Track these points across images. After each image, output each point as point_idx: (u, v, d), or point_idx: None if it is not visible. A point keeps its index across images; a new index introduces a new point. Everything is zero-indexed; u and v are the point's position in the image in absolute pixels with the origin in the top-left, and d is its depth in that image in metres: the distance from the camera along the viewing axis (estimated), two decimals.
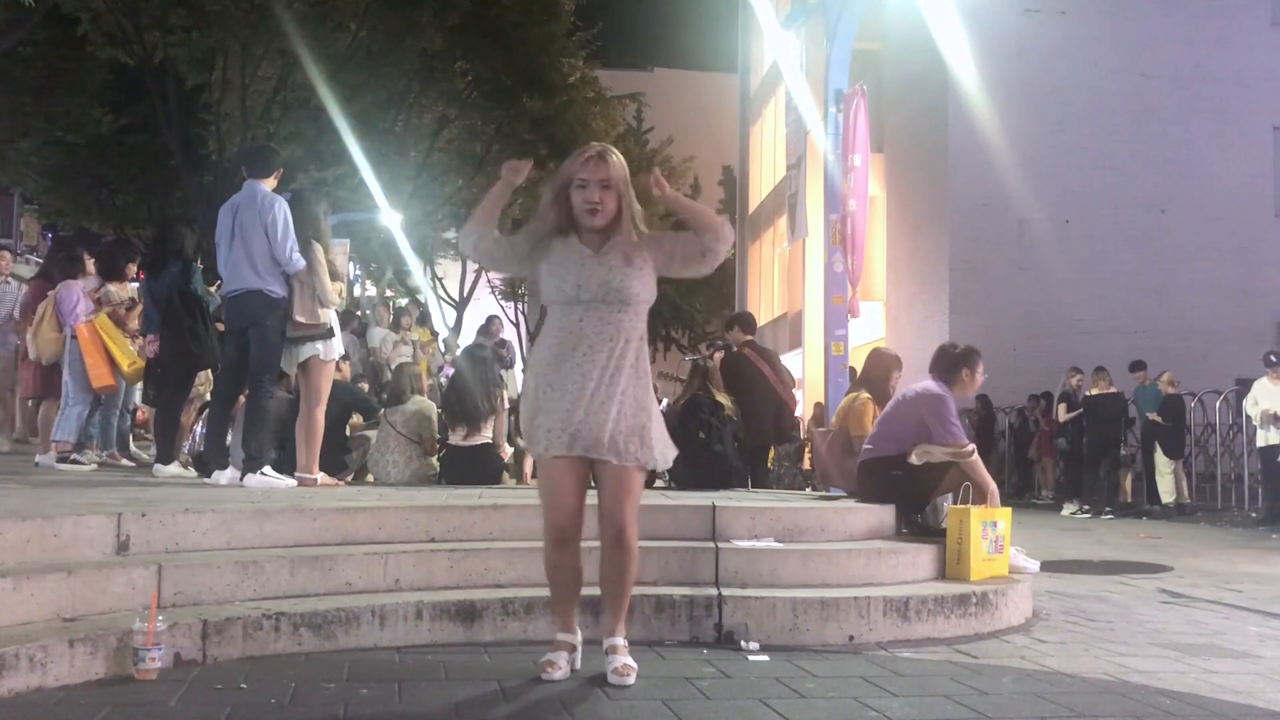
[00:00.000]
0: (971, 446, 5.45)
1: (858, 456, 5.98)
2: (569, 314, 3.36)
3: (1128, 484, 13.93)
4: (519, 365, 19.74)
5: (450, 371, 11.88)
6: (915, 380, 5.74)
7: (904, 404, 5.58)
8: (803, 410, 16.20)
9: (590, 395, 3.29)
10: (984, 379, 5.80)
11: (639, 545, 4.36)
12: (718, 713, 3.12)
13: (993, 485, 5.37)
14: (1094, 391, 13.44)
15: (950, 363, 5.67)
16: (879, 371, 6.84)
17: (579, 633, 3.54)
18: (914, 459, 5.33)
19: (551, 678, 3.36)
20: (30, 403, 8.91)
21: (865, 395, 6.67)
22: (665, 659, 3.79)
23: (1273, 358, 12.05)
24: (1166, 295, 18.12)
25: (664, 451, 3.42)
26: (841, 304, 9.41)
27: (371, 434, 7.93)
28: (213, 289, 8.06)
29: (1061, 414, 14.04)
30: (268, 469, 5.97)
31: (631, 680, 3.35)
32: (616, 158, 3.42)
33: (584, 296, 3.33)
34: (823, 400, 11.90)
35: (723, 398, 7.22)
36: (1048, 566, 6.73)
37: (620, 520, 3.36)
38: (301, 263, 5.96)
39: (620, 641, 3.46)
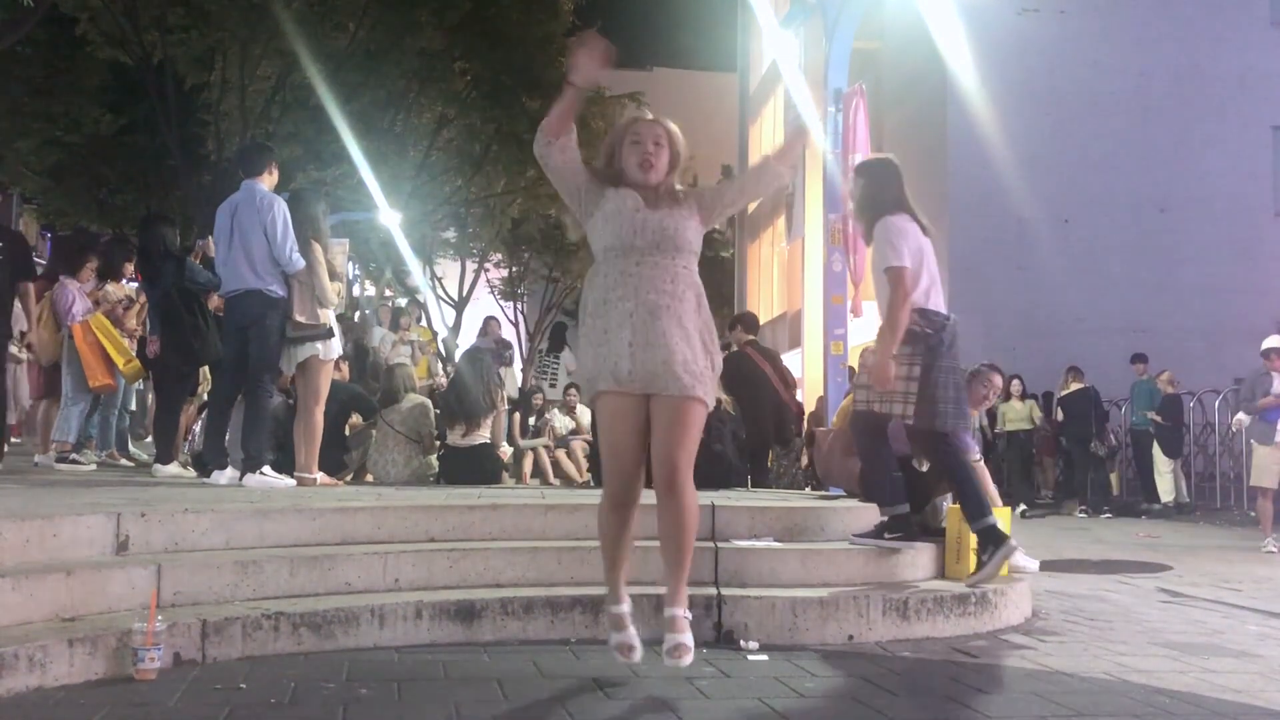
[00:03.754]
0: (978, 455, 5.49)
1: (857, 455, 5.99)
2: (626, 260, 3.33)
3: (1114, 480, 14.00)
4: (518, 364, 19.68)
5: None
6: None
7: None
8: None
9: (649, 330, 3.24)
10: (993, 397, 5.88)
11: (638, 544, 4.39)
12: (717, 712, 3.11)
13: (993, 490, 5.40)
14: (1063, 392, 13.51)
15: (969, 374, 5.79)
16: None
17: (628, 599, 3.44)
18: (918, 463, 5.35)
19: (633, 660, 3.31)
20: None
21: None
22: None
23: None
24: (1166, 294, 18.12)
25: (715, 393, 3.40)
26: (841, 303, 9.40)
27: (371, 433, 7.93)
28: None
29: (1060, 414, 14.07)
30: (267, 469, 5.97)
31: (686, 661, 3.24)
32: (675, 128, 3.46)
33: (639, 243, 3.32)
34: (822, 397, 11.93)
35: (722, 396, 7.23)
36: (1047, 566, 6.74)
37: (674, 459, 3.25)
38: (301, 263, 5.96)
39: (679, 613, 3.30)
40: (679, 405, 3.26)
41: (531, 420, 11.79)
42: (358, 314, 13.63)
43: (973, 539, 4.87)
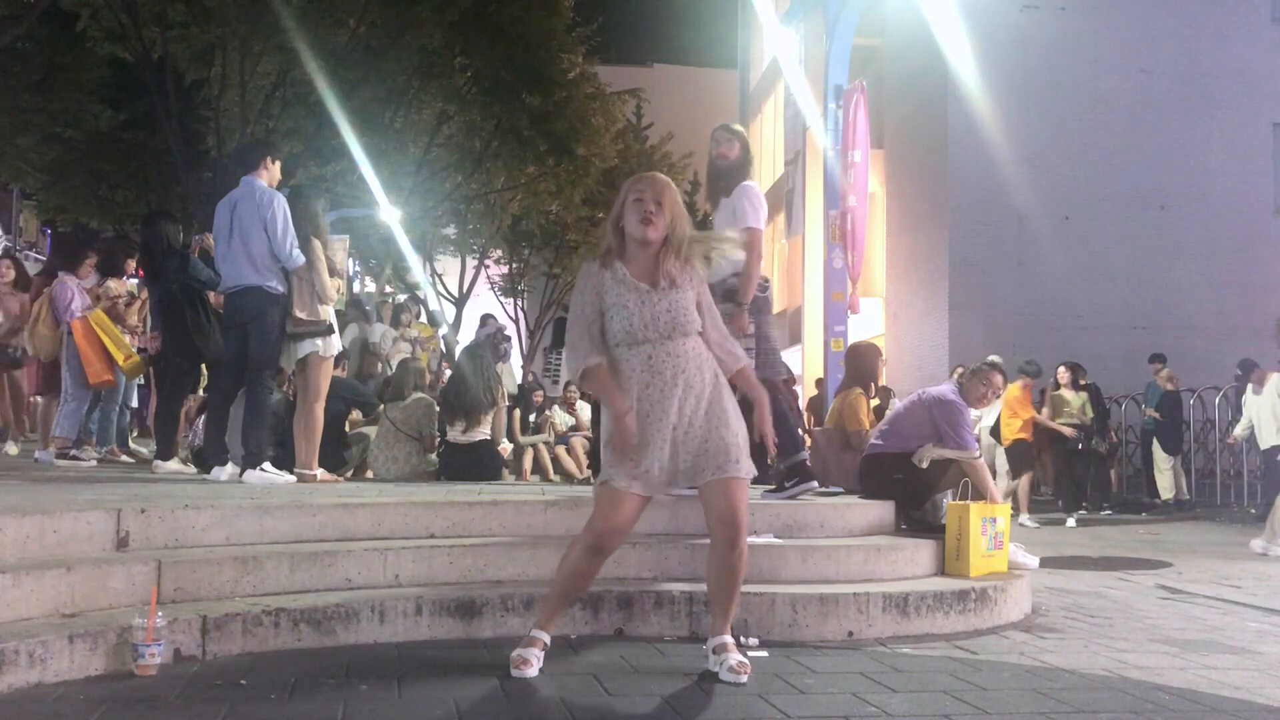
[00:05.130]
0: (979, 453, 5.52)
1: (855, 452, 6.02)
2: (639, 353, 3.39)
3: (1114, 477, 13.97)
4: (517, 360, 19.64)
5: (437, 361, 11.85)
6: (908, 374, 5.81)
7: (918, 406, 5.62)
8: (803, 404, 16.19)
9: (677, 432, 3.37)
10: (992, 396, 5.92)
11: (638, 540, 4.40)
12: (718, 708, 3.12)
13: (994, 489, 5.41)
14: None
15: (969, 372, 5.89)
16: (870, 363, 6.94)
17: (550, 635, 3.53)
18: (919, 460, 5.36)
19: (524, 675, 3.35)
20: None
21: (858, 390, 6.72)
22: (665, 655, 3.79)
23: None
24: (1166, 291, 18.11)
25: (749, 464, 3.47)
26: (841, 300, 9.41)
27: (370, 430, 7.94)
28: None
29: None
30: (267, 465, 5.97)
31: (745, 679, 3.34)
32: (673, 188, 3.49)
33: (651, 335, 3.38)
34: (817, 395, 11.95)
35: None
36: (1047, 563, 6.75)
37: (736, 524, 3.36)
38: (301, 259, 5.96)
39: (730, 640, 3.48)
40: (727, 482, 3.38)
41: (532, 417, 11.80)
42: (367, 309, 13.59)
43: (974, 536, 4.88)
